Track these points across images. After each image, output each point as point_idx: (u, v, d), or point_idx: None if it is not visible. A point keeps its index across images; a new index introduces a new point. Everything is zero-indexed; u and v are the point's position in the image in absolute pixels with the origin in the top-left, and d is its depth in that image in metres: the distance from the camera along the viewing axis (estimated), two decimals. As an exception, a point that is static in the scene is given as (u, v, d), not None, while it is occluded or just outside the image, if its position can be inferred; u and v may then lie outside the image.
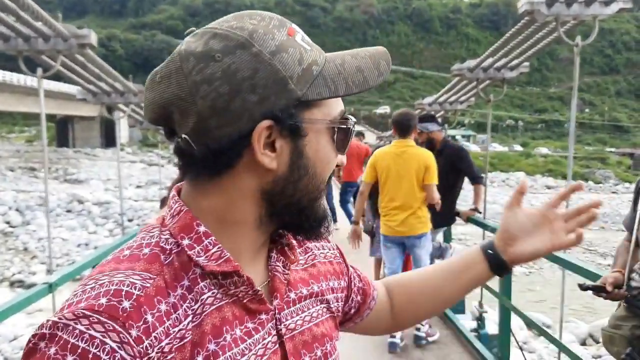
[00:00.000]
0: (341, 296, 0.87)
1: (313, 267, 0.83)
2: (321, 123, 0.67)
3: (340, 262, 0.90)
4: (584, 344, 8.52)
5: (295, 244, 0.78)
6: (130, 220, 17.11)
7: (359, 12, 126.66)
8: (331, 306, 0.83)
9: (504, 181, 38.88)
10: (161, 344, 0.59)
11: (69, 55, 4.08)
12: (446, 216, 4.67)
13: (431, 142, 4.65)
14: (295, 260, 0.76)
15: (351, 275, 0.92)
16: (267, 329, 0.69)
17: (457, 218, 5.00)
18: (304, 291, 0.77)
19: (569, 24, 3.82)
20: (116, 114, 6.44)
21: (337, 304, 0.85)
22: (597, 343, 8.39)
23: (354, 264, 0.94)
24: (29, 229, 16.88)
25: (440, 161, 4.13)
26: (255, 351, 0.66)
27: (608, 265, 14.72)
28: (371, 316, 0.96)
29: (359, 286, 0.93)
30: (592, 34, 3.71)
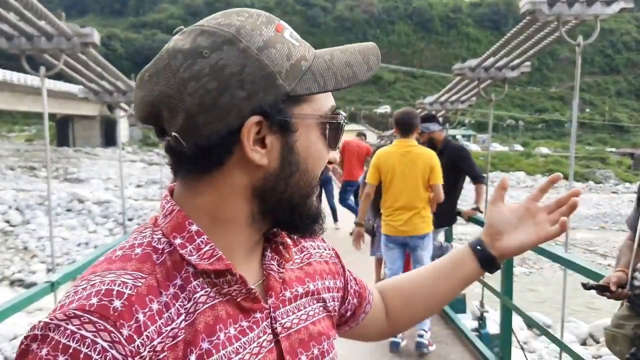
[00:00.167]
0: (337, 296, 0.86)
1: (309, 265, 0.82)
2: (311, 118, 0.67)
3: (336, 263, 0.89)
4: (584, 343, 8.52)
5: (290, 242, 0.77)
6: (130, 220, 17.09)
7: (359, 11, 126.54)
8: (327, 305, 0.82)
9: (504, 181, 38.83)
10: (153, 343, 0.58)
11: (71, 54, 4.07)
12: (447, 216, 4.66)
13: (432, 142, 4.63)
14: (290, 259, 0.76)
15: (347, 277, 0.91)
16: (262, 327, 0.68)
17: (459, 218, 5.01)
18: (299, 290, 0.77)
19: (570, 23, 3.82)
20: (117, 113, 6.43)
21: (334, 303, 0.84)
22: (597, 343, 8.39)
23: (354, 263, 0.94)
24: (29, 228, 16.88)
25: (441, 161, 4.11)
26: (249, 349, 0.66)
27: (608, 265, 14.75)
28: (367, 321, 0.95)
29: (355, 289, 0.93)
30: (594, 33, 3.71)
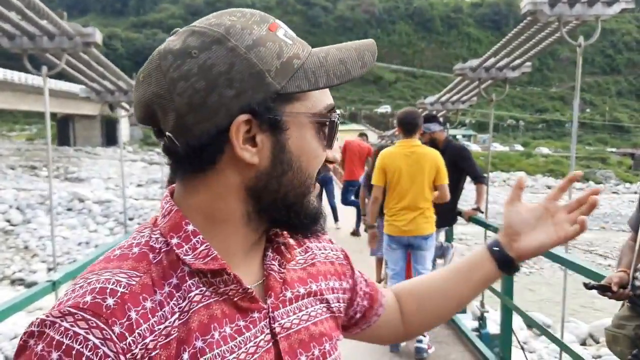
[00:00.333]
0: (343, 297, 0.85)
1: (312, 266, 0.82)
2: (303, 116, 0.66)
3: (343, 264, 0.88)
4: (584, 344, 8.52)
5: (293, 243, 0.77)
6: (131, 219, 17.09)
7: (360, 11, 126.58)
8: (331, 306, 0.81)
9: (504, 181, 38.88)
10: (145, 341, 0.59)
11: (73, 53, 4.07)
12: (448, 216, 4.66)
13: (434, 142, 4.63)
14: (291, 259, 0.76)
15: (357, 279, 0.90)
16: (260, 327, 0.68)
17: (459, 218, 5.01)
18: (301, 290, 0.76)
19: (571, 24, 3.81)
20: (119, 112, 6.42)
21: (338, 304, 0.83)
22: (597, 343, 8.39)
23: (354, 263, 0.92)
24: (29, 227, 16.88)
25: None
26: (245, 349, 0.66)
27: (608, 265, 14.75)
28: (380, 323, 0.94)
29: (365, 290, 0.91)
30: (595, 34, 3.71)
